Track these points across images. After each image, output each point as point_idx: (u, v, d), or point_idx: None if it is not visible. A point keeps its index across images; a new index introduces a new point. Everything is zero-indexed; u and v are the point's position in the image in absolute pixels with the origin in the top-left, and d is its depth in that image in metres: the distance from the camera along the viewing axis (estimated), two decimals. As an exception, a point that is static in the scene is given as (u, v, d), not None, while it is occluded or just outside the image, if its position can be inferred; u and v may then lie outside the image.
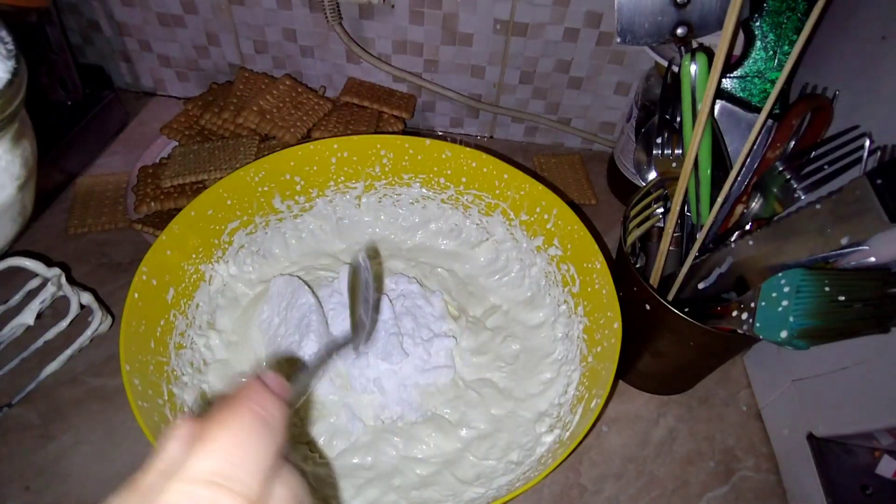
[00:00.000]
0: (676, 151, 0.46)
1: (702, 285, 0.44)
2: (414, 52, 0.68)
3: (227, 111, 0.64)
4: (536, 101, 0.71)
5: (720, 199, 0.40)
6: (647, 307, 0.43)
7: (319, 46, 0.69)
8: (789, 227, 0.37)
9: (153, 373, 0.40)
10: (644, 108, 0.58)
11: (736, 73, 0.48)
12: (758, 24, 0.46)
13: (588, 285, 0.46)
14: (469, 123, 0.75)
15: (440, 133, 0.76)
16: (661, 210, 0.46)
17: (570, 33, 0.63)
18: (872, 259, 0.33)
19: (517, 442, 0.44)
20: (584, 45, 0.64)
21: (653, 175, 0.47)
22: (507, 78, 0.69)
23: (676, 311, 0.41)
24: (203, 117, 0.65)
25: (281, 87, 0.65)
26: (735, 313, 0.37)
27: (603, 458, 0.48)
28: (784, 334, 0.33)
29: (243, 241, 0.52)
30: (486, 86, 0.70)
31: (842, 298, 0.32)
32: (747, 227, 0.43)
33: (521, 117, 0.73)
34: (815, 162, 0.40)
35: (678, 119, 0.44)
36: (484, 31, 0.64)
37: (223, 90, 0.69)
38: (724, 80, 0.48)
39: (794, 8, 0.45)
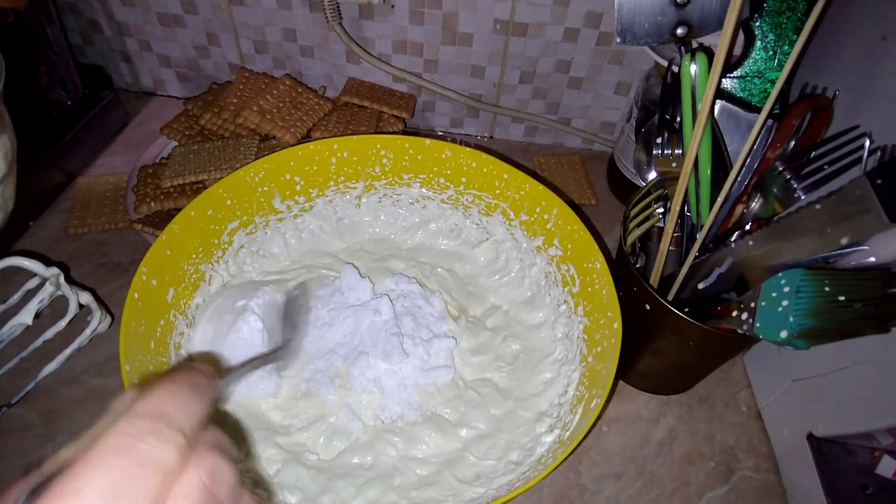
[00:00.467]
0: (676, 151, 0.46)
1: (702, 285, 0.44)
2: (414, 52, 0.68)
3: (227, 111, 0.64)
4: (536, 101, 0.71)
5: (720, 199, 0.40)
6: (647, 307, 0.43)
7: (319, 46, 0.69)
8: (789, 227, 0.37)
9: (153, 373, 0.40)
10: (644, 108, 0.58)
11: (736, 73, 0.48)
12: (758, 24, 0.46)
13: (588, 285, 0.46)
14: (469, 123, 0.75)
15: (440, 133, 0.76)
16: (661, 210, 0.46)
17: (570, 33, 0.63)
18: (872, 259, 0.33)
19: (517, 442, 0.44)
20: (584, 45, 0.64)
21: (653, 175, 0.47)
22: (507, 78, 0.69)
23: (676, 311, 0.41)
24: (203, 117, 0.65)
25: (281, 87, 0.65)
26: (735, 313, 0.37)
27: (603, 458, 0.48)
28: (784, 334, 0.33)
29: (243, 241, 0.52)
30: (486, 86, 0.70)
31: (842, 298, 0.32)
32: (747, 227, 0.43)
33: (521, 117, 0.73)
34: (815, 162, 0.40)
35: (678, 119, 0.44)
36: (484, 31, 0.64)
37: (223, 90, 0.68)
38: (724, 80, 0.48)
39: (794, 8, 0.45)
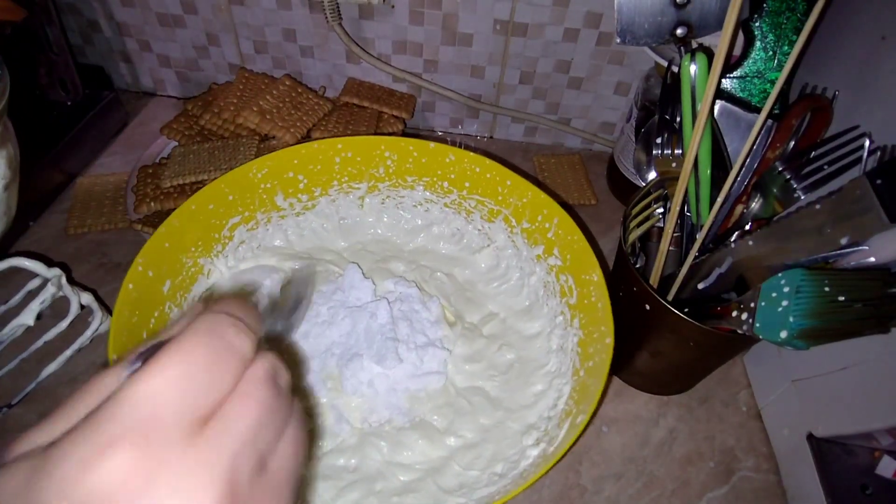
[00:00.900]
0: (676, 151, 0.46)
1: (702, 285, 0.44)
2: (414, 53, 0.68)
3: (227, 111, 0.64)
4: (536, 101, 0.71)
5: (720, 199, 0.40)
6: (647, 307, 0.43)
7: (319, 47, 0.69)
8: (789, 227, 0.37)
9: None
10: (644, 108, 0.58)
11: (736, 74, 0.48)
12: (757, 24, 0.46)
13: (585, 297, 0.45)
14: (469, 123, 0.75)
15: (440, 133, 0.77)
16: (661, 210, 0.46)
17: (570, 33, 0.63)
18: (872, 259, 0.33)
19: (503, 454, 0.43)
20: (583, 46, 0.64)
21: (653, 175, 0.47)
22: (506, 78, 0.69)
23: (676, 311, 0.41)
24: (203, 117, 0.65)
25: (281, 87, 0.65)
26: (735, 313, 0.37)
27: (603, 459, 0.48)
28: (784, 334, 0.33)
29: (244, 236, 0.52)
30: (485, 86, 0.70)
31: (842, 298, 0.32)
32: (747, 227, 0.43)
33: (520, 117, 0.73)
34: (814, 162, 0.40)
35: (678, 119, 0.44)
36: (484, 31, 0.64)
37: (223, 90, 0.68)
38: (723, 80, 0.48)
39: (794, 8, 0.45)
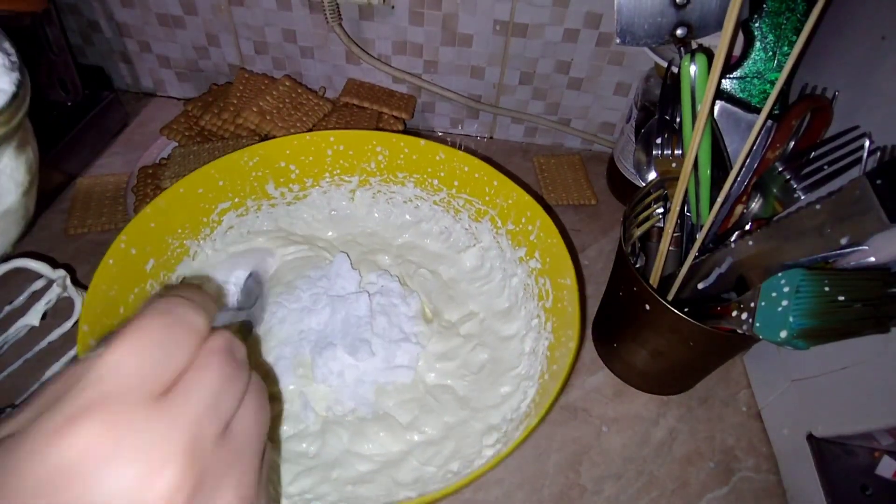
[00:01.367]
0: (676, 152, 0.46)
1: (702, 285, 0.44)
2: (414, 53, 0.68)
3: (227, 112, 0.64)
4: (536, 101, 0.71)
5: (720, 199, 0.40)
6: (647, 307, 0.43)
7: (319, 47, 0.69)
8: (789, 227, 0.37)
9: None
10: (644, 108, 0.58)
11: (735, 74, 0.48)
12: (757, 24, 0.46)
13: (559, 301, 0.45)
14: (469, 124, 0.75)
15: (440, 133, 0.77)
16: (660, 210, 0.46)
17: (570, 34, 0.63)
18: (872, 259, 0.33)
19: (462, 452, 0.43)
20: (583, 46, 0.64)
21: (653, 175, 0.47)
22: (506, 79, 0.69)
23: (676, 311, 0.41)
24: (203, 118, 0.65)
25: (281, 87, 0.65)
26: (735, 313, 0.37)
27: (603, 459, 0.48)
28: (784, 334, 0.33)
29: (233, 222, 0.52)
30: (485, 86, 0.70)
31: (841, 298, 0.32)
32: (747, 227, 0.43)
33: (520, 118, 0.73)
34: (814, 162, 0.40)
35: (678, 119, 0.44)
36: (484, 31, 0.64)
37: (223, 91, 0.69)
38: (723, 80, 0.48)
39: (794, 9, 0.45)
